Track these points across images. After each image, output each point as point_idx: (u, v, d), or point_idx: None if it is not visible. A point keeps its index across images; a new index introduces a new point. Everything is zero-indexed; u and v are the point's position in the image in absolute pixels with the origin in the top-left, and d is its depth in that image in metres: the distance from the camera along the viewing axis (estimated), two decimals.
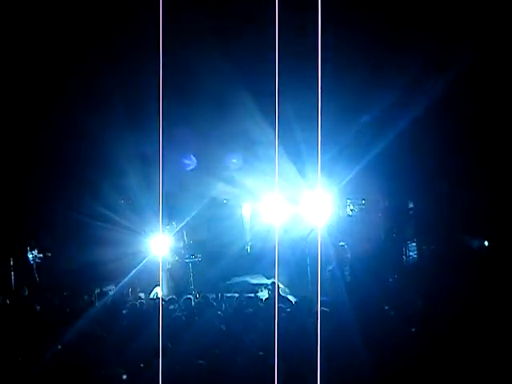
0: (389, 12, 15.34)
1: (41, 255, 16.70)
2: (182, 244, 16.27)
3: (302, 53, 15.05)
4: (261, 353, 9.23)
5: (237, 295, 13.73)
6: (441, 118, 15.48)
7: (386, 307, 11.96)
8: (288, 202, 17.63)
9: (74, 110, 16.61)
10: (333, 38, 15.26)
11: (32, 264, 16.47)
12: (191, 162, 17.15)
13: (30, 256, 16.52)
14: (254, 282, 17.01)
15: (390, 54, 15.52)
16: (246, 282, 17.14)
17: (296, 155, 16.88)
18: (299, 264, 16.22)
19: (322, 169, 17.19)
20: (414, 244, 16.60)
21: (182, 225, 16.56)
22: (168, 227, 16.33)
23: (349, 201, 16.75)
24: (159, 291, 13.16)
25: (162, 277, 15.67)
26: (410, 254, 16.46)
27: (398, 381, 8.89)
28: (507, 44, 14.35)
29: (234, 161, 17.22)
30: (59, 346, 10.59)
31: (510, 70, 14.58)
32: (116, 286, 14.33)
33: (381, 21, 15.43)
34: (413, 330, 10.45)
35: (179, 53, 15.14)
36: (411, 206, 17.13)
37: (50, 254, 16.86)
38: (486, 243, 16.04)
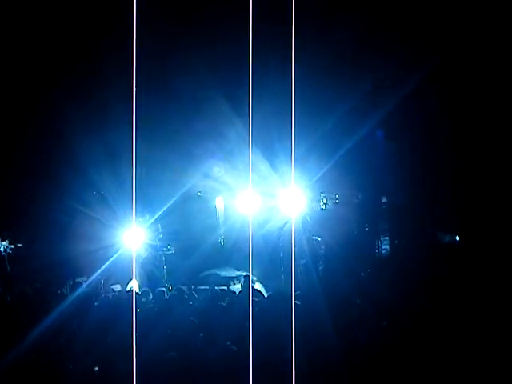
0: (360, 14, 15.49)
1: (12, 246, 16.54)
2: (155, 236, 16.19)
3: (276, 49, 15.13)
4: (234, 347, 9.26)
5: (209, 288, 13.73)
6: (413, 113, 15.61)
7: (358, 301, 12.05)
8: (262, 196, 17.68)
9: (44, 105, 16.54)
10: (306, 35, 15.31)
11: (3, 255, 16.31)
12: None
13: (1, 247, 16.35)
14: (227, 274, 17.04)
15: (361, 51, 15.63)
16: (219, 274, 17.15)
17: (270, 150, 16.94)
18: (272, 257, 16.27)
19: (295, 163, 17.30)
20: (386, 238, 16.72)
21: (155, 217, 16.48)
22: (141, 220, 16.27)
23: (322, 195, 16.80)
24: (135, 285, 13.11)
25: (135, 269, 15.63)
26: (383, 248, 16.58)
27: (368, 374, 8.95)
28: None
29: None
30: (30, 338, 10.54)
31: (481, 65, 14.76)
32: (89, 278, 14.24)
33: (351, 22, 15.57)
34: (384, 323, 10.53)
35: (153, 47, 15.11)
36: (384, 200, 17.26)
37: (21, 245, 16.70)
38: (458, 238, 16.21)
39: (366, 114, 16.29)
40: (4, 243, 16.49)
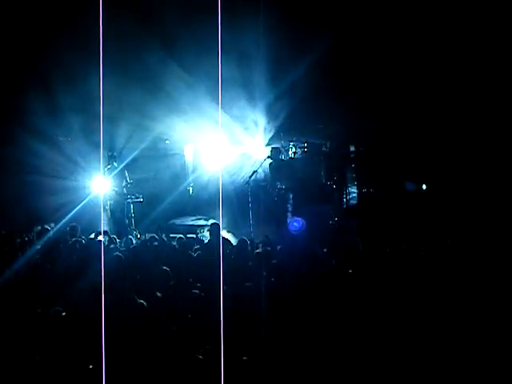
0: None
1: None
2: (123, 184, 16.07)
3: None
4: (202, 294, 9.29)
5: (178, 236, 13.73)
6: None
7: (325, 249, 12.14)
8: (231, 143, 17.63)
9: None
10: None
11: None
12: None
13: None
14: (196, 223, 17.06)
15: None
16: (188, 222, 17.17)
17: (240, 96, 16.83)
18: (241, 206, 16.30)
19: (266, 111, 17.29)
20: (354, 187, 16.82)
21: (123, 165, 16.35)
22: (109, 166, 16.13)
23: (291, 143, 16.79)
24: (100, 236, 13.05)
25: (102, 216, 15.56)
26: (350, 197, 16.68)
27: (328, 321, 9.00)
28: None
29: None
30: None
31: None
32: (56, 224, 14.13)
33: None
34: (350, 271, 10.62)
35: None
36: (353, 149, 17.31)
37: None
38: (424, 187, 16.37)
39: (335, 62, 16.27)
40: None
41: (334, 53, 15.95)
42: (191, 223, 17.10)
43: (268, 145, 17.26)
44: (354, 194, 16.71)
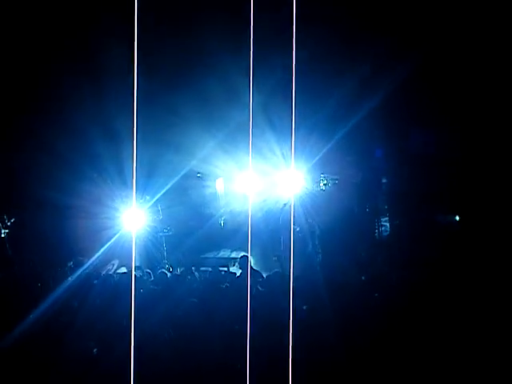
0: None
1: (8, 230, 16.55)
2: (155, 217, 16.21)
3: (276, 25, 15.06)
4: (236, 326, 9.30)
5: (210, 269, 13.77)
6: (412, 95, 15.62)
7: (363, 277, 12.09)
8: (262, 177, 17.68)
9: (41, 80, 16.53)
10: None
11: (3, 237, 16.34)
12: None
13: (1, 230, 16.39)
14: (227, 256, 17.08)
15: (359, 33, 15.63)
16: (219, 256, 17.20)
17: (270, 131, 16.92)
18: (272, 238, 16.30)
19: (296, 144, 17.31)
20: (386, 219, 16.75)
21: (155, 199, 16.49)
22: (141, 201, 16.27)
23: (322, 176, 16.82)
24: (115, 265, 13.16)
25: (135, 251, 15.66)
26: (383, 228, 16.60)
27: (370, 357, 8.99)
28: None
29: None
30: (31, 320, 10.60)
31: None
32: (89, 259, 14.27)
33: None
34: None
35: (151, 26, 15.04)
36: (384, 180, 17.27)
37: (20, 227, 16.68)
38: (457, 218, 16.23)
39: (367, 95, 16.28)
40: (4, 226, 16.52)
41: (363, 84, 16.00)
42: (223, 256, 17.12)
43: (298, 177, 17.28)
44: (387, 226, 16.64)
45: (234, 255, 16.90)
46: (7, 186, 16.75)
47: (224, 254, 17.38)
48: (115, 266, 14.71)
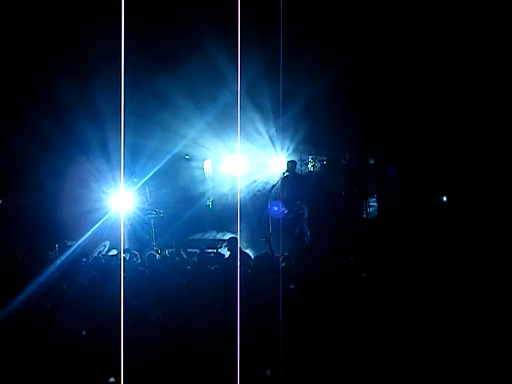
0: None
1: None
2: (144, 199, 16.18)
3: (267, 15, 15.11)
4: (225, 308, 9.32)
5: (198, 251, 13.76)
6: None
7: (352, 258, 12.15)
8: (250, 158, 17.70)
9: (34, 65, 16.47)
10: None
11: None
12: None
13: None
14: (216, 237, 17.09)
15: None
16: (208, 237, 17.20)
17: (258, 111, 16.92)
18: (260, 220, 16.32)
19: (284, 125, 17.35)
20: (374, 200, 16.80)
21: (143, 180, 16.46)
22: (130, 183, 16.24)
23: (310, 157, 16.83)
24: (107, 246, 13.16)
25: (123, 232, 15.64)
26: (371, 210, 16.66)
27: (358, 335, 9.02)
28: None
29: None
30: (18, 300, 10.59)
31: None
32: (77, 241, 14.25)
33: None
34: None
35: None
36: (372, 161, 17.31)
37: (6, 205, 16.66)
38: (445, 198, 16.30)
39: (356, 76, 16.31)
40: None
41: (351, 67, 16.00)
42: (211, 238, 17.14)
43: (287, 158, 17.30)
44: (374, 207, 16.69)
45: (222, 237, 16.92)
46: None
47: (212, 235, 17.39)
48: (106, 248, 14.70)
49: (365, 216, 16.65)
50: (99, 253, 13.07)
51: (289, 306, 9.36)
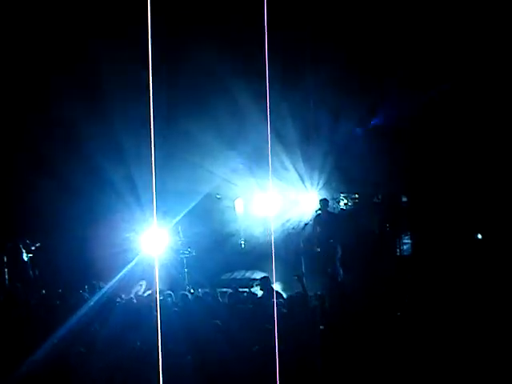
0: None
1: (32, 255, 16.66)
2: (176, 239, 16.21)
3: (293, 55, 15.24)
4: (256, 349, 9.24)
5: (231, 290, 13.72)
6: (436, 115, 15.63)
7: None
8: (282, 197, 17.69)
9: (64, 108, 16.68)
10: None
11: (26, 261, 16.45)
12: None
13: (24, 254, 16.50)
14: (249, 276, 17.01)
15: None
16: (241, 277, 17.14)
17: (290, 151, 16.97)
18: (293, 259, 16.24)
19: (315, 164, 17.37)
20: (407, 237, 16.65)
21: (176, 220, 16.51)
22: (162, 223, 16.29)
23: (343, 195, 16.78)
24: (143, 286, 13.18)
25: (157, 272, 15.64)
26: (404, 247, 16.50)
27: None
28: None
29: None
30: (55, 341, 10.63)
31: None
32: (110, 281, 14.29)
33: None
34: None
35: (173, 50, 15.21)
36: (405, 199, 17.19)
37: (38, 244, 16.79)
38: (480, 236, 16.10)
39: (388, 114, 16.32)
40: (27, 249, 16.63)
41: (385, 104, 16.04)
42: (244, 277, 17.07)
43: (319, 196, 17.25)
44: (408, 245, 16.53)
45: (254, 276, 16.84)
46: (31, 213, 16.93)
47: (244, 274, 17.33)
48: (143, 288, 14.73)
49: (398, 254, 16.49)
50: (136, 292, 13.07)
51: (325, 346, 9.26)
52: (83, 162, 16.90)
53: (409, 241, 16.62)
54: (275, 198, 17.44)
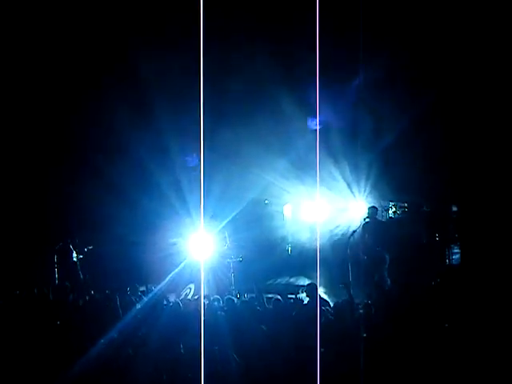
0: None
1: (82, 256, 16.93)
2: (224, 244, 16.29)
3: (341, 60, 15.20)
4: (300, 356, 9.23)
5: (277, 296, 13.73)
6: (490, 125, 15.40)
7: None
8: (330, 204, 17.63)
9: (116, 116, 16.93)
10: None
11: (76, 262, 16.71)
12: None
13: (74, 254, 16.75)
14: (295, 282, 17.00)
15: None
16: (287, 282, 17.14)
17: (339, 158, 16.91)
18: (340, 266, 16.16)
19: (363, 172, 17.27)
20: (457, 247, 16.43)
21: (223, 224, 16.59)
22: (209, 228, 16.38)
23: (392, 203, 16.66)
24: (192, 290, 13.29)
25: (202, 277, 15.74)
26: (454, 257, 16.28)
27: None
28: None
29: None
30: (102, 341, 10.77)
31: None
32: (157, 285, 14.44)
33: None
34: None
35: (222, 54, 15.32)
36: (455, 209, 16.98)
37: (91, 247, 17.05)
38: None
39: (438, 126, 16.17)
40: (77, 250, 16.89)
41: (437, 110, 15.87)
42: (290, 283, 17.06)
43: (367, 204, 17.16)
44: (457, 255, 16.31)
45: (300, 282, 16.82)
46: (83, 216, 17.21)
47: (291, 280, 17.32)
48: (192, 291, 14.85)
49: (447, 264, 16.27)
50: (185, 296, 13.21)
51: (370, 355, 9.20)
52: (133, 168, 17.13)
53: (458, 251, 16.39)
54: (323, 204, 17.39)
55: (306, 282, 16.07)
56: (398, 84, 16.27)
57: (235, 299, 13.93)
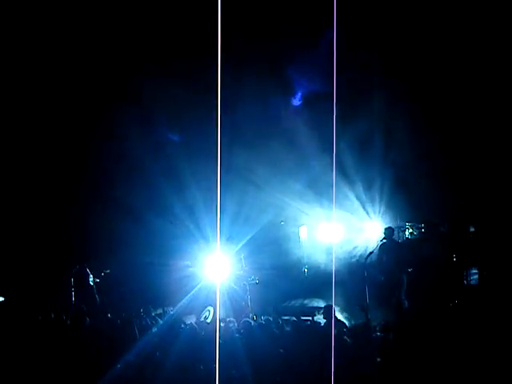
0: None
1: (98, 280, 16.96)
2: (239, 266, 16.27)
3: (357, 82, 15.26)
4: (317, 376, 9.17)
5: (294, 318, 13.66)
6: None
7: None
8: (346, 226, 17.59)
9: (135, 128, 17.04)
10: None
11: (93, 286, 16.73)
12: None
13: (91, 278, 16.78)
14: (311, 304, 16.91)
15: None
16: (304, 304, 17.06)
17: (354, 179, 16.92)
18: (357, 288, 16.06)
19: (380, 193, 17.25)
20: (475, 269, 16.29)
21: (239, 246, 16.59)
22: (225, 249, 16.37)
23: (408, 224, 16.59)
24: (211, 312, 13.24)
25: (218, 299, 15.70)
26: (472, 278, 16.14)
27: None
28: None
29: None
30: (118, 366, 10.74)
31: None
32: (173, 308, 14.43)
33: None
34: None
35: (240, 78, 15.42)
36: (472, 230, 16.87)
37: (108, 271, 17.09)
38: None
39: (450, 147, 16.17)
40: (94, 273, 16.93)
41: (452, 135, 15.87)
42: (307, 305, 16.98)
43: (383, 224, 17.09)
44: (475, 276, 16.17)
45: (316, 304, 16.73)
46: (99, 240, 17.29)
47: (307, 302, 17.23)
48: (211, 314, 14.82)
49: (465, 285, 16.13)
50: (205, 318, 13.19)
51: (385, 378, 9.11)
52: (149, 191, 17.21)
53: (477, 271, 16.26)
54: (339, 226, 17.36)
55: (322, 303, 16.00)
56: (414, 107, 16.30)
57: (252, 322, 13.88)
